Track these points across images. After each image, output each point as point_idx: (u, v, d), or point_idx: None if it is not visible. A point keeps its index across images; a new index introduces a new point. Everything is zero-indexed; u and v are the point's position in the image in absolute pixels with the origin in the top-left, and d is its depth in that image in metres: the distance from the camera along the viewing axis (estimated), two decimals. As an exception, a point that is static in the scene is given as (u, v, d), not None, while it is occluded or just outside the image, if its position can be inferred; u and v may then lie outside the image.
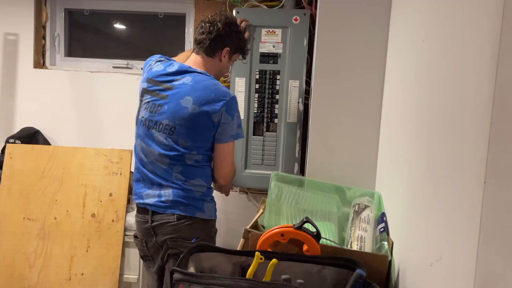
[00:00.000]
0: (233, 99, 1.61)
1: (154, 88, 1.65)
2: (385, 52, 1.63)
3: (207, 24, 1.67)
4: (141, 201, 1.64)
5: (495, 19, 0.64)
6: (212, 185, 1.75)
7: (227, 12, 1.77)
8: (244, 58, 1.91)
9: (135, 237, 1.72)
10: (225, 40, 1.67)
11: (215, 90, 1.58)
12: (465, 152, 0.73)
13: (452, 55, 0.85)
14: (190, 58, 1.73)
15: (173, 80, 1.62)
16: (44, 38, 2.66)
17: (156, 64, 1.72)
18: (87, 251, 2.17)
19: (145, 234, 1.64)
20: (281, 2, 2.28)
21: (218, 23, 1.65)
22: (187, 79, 1.61)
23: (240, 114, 2.25)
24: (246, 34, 2.02)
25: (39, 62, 2.65)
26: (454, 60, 0.83)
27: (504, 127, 0.62)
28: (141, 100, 1.69)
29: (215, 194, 1.77)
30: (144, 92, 1.68)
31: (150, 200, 1.61)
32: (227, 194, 1.96)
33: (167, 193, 1.59)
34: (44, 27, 2.65)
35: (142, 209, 1.64)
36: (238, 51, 1.77)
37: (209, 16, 1.70)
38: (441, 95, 0.90)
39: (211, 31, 1.65)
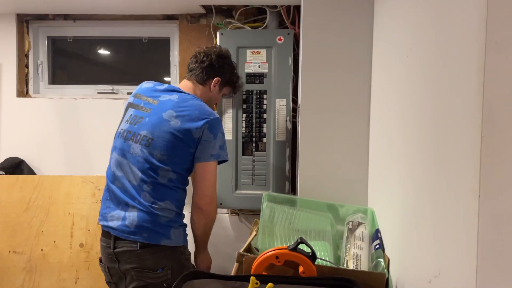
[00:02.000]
0: (217, 120, 1.59)
1: (139, 102, 1.65)
2: (370, 69, 1.65)
3: (201, 54, 1.73)
4: (105, 223, 1.56)
5: (479, 32, 0.65)
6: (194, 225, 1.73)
7: (223, 47, 1.83)
8: (235, 93, 1.95)
9: (100, 261, 1.63)
10: (217, 70, 1.72)
11: (200, 108, 1.57)
12: (458, 167, 0.72)
13: (438, 70, 0.86)
14: (181, 83, 1.75)
15: (159, 96, 1.62)
16: (27, 66, 2.64)
17: (147, 82, 1.76)
18: (76, 282, 2.10)
19: (108, 259, 1.56)
20: (264, 23, 2.30)
21: (212, 54, 1.72)
22: (173, 96, 1.61)
23: (228, 135, 2.26)
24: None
25: (23, 90, 2.62)
26: (441, 76, 0.84)
27: (495, 140, 0.62)
28: (124, 115, 1.68)
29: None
30: (128, 106, 1.68)
31: (114, 223, 1.52)
32: (205, 235, 1.70)
33: (132, 216, 1.49)
34: (27, 56, 2.63)
35: (106, 233, 1.56)
36: (229, 84, 1.82)
37: (205, 47, 1.78)
38: (429, 110, 0.91)
39: (203, 61, 1.71)
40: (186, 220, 1.64)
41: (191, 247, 1.68)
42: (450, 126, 0.77)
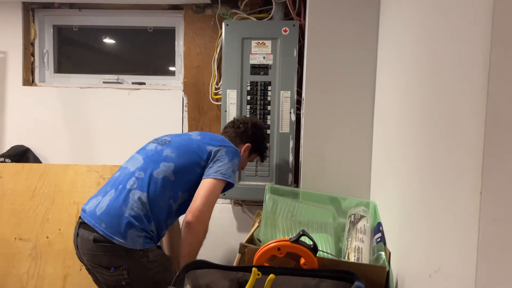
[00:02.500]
0: (237, 151, 1.66)
1: (158, 139, 1.72)
2: (375, 61, 1.65)
3: (239, 121, 1.87)
4: (84, 205, 1.55)
5: (485, 29, 0.65)
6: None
7: (259, 120, 1.99)
8: (262, 161, 2.05)
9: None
10: (250, 137, 1.83)
11: (222, 139, 1.71)
12: (460, 163, 0.73)
13: (443, 65, 0.86)
14: None
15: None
16: (33, 55, 2.64)
17: None
18: (80, 270, 2.13)
19: (75, 245, 1.54)
20: (270, 14, 2.29)
21: (249, 123, 1.86)
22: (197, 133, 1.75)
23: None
24: None
25: (28, 79, 2.63)
26: (445, 71, 0.84)
27: (498, 137, 0.62)
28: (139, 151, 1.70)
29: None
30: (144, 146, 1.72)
31: (86, 206, 1.52)
32: (190, 257, 1.52)
33: (105, 202, 1.47)
34: (32, 44, 2.64)
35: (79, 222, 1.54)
36: (257, 151, 1.91)
37: (243, 116, 1.99)
38: (433, 105, 0.91)
39: (239, 127, 1.84)
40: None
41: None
42: (453, 122, 0.77)
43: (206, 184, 1.51)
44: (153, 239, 1.49)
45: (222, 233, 2.47)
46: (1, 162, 2.37)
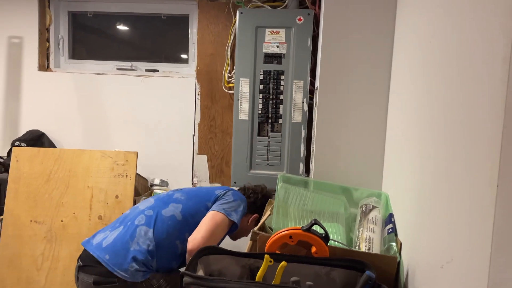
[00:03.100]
0: (243, 198, 1.72)
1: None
2: (391, 51, 1.63)
3: (249, 191, 1.85)
4: (84, 243, 1.56)
5: (507, 21, 0.64)
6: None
7: (267, 188, 1.93)
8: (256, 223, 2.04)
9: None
10: (258, 208, 1.81)
11: (231, 187, 1.76)
12: (477, 154, 0.72)
13: (462, 56, 0.85)
14: None
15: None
16: (48, 40, 2.67)
17: None
18: (94, 253, 2.17)
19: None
20: (284, 2, 2.27)
21: (259, 193, 1.83)
22: None
23: (245, 115, 2.27)
24: None
25: (44, 64, 2.66)
26: (465, 61, 0.83)
27: (517, 130, 0.62)
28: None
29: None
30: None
31: (92, 239, 1.53)
32: None
33: (112, 235, 1.49)
34: (48, 30, 2.66)
35: (80, 254, 1.54)
36: (256, 224, 1.84)
37: (254, 185, 1.90)
38: (450, 96, 0.90)
39: (250, 196, 1.81)
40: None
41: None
42: (470, 114, 0.77)
43: (210, 216, 1.54)
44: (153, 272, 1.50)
45: (232, 220, 2.50)
46: (17, 146, 2.41)
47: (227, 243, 2.49)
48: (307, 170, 2.26)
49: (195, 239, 1.47)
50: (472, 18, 0.80)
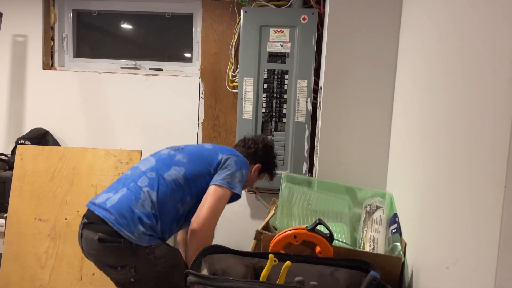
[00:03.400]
0: (246, 162, 1.65)
1: (172, 146, 1.71)
2: (396, 51, 1.62)
3: (249, 141, 1.83)
4: (90, 201, 1.54)
5: (515, 22, 0.64)
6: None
7: (269, 139, 1.92)
8: (271, 180, 1.98)
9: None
10: (260, 158, 1.80)
11: (233, 150, 1.70)
12: (483, 155, 0.72)
13: (469, 57, 0.84)
14: None
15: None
16: (52, 39, 2.67)
17: None
18: (97, 251, 2.18)
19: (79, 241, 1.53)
20: (289, 1, 2.27)
21: (260, 144, 1.82)
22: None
23: (248, 114, 2.27)
24: None
25: (48, 63, 2.67)
26: (470, 63, 0.82)
27: (525, 131, 0.61)
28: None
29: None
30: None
31: (97, 200, 1.50)
32: (189, 259, 1.53)
33: (116, 196, 1.47)
34: (52, 28, 2.67)
35: (85, 212, 1.51)
36: (267, 171, 1.89)
37: (254, 136, 1.89)
38: (456, 97, 0.90)
39: (250, 147, 1.81)
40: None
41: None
42: (477, 115, 0.76)
43: (212, 192, 1.51)
44: (159, 238, 1.49)
45: (236, 219, 2.50)
46: (22, 144, 2.42)
47: (231, 242, 2.50)
48: (310, 170, 2.26)
49: (198, 219, 1.46)
50: (480, 18, 0.80)
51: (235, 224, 2.50)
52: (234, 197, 1.56)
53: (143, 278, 1.44)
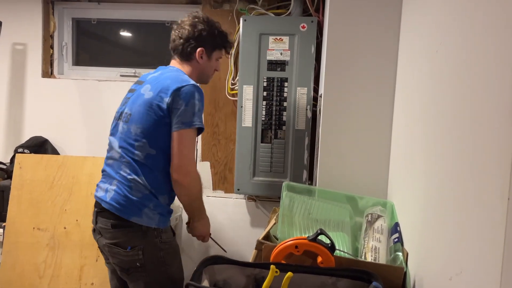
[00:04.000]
0: (190, 87, 1.50)
1: (134, 86, 1.67)
2: (396, 59, 1.63)
3: (176, 31, 1.66)
4: (95, 194, 1.62)
5: (516, 33, 0.64)
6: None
7: (197, 12, 1.70)
8: (228, 53, 1.80)
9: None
10: (196, 41, 1.63)
11: (174, 77, 1.53)
12: (487, 167, 0.72)
13: (469, 67, 0.84)
14: (171, 63, 1.71)
15: (147, 77, 1.64)
16: (52, 47, 2.68)
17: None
18: (96, 260, 2.17)
19: (93, 230, 1.64)
20: (288, 9, 2.28)
21: (186, 26, 1.63)
22: (157, 73, 1.61)
23: (248, 122, 2.27)
24: None
25: (47, 71, 2.67)
26: (472, 73, 0.82)
27: (529, 143, 0.61)
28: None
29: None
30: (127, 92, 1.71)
31: (99, 193, 1.58)
32: (191, 206, 1.63)
33: (112, 189, 1.53)
34: (52, 37, 2.67)
35: (95, 203, 1.61)
36: (216, 48, 1.69)
37: (178, 21, 1.68)
38: (458, 106, 0.89)
39: (181, 36, 1.63)
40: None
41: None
42: (480, 125, 0.76)
43: (175, 139, 1.48)
44: (169, 214, 1.58)
45: (236, 227, 2.49)
46: (20, 152, 2.41)
47: (231, 251, 2.49)
48: (310, 177, 2.26)
49: (173, 168, 1.50)
50: (482, 25, 0.80)
51: (235, 232, 2.49)
52: (198, 130, 1.53)
53: (148, 262, 1.50)
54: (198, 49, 1.64)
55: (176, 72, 1.60)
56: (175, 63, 1.69)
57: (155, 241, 1.51)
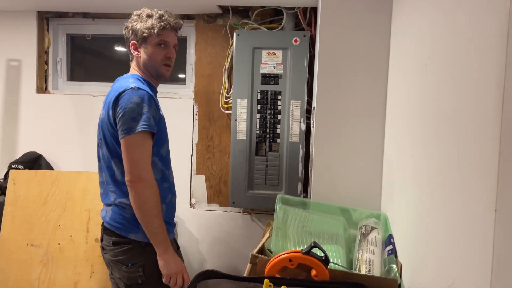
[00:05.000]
0: (128, 92, 1.44)
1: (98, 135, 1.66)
2: (387, 72, 1.65)
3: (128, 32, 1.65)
4: (101, 211, 1.66)
5: (499, 47, 0.65)
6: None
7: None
8: (158, 34, 1.60)
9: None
10: (127, 38, 1.65)
11: (116, 88, 1.50)
12: (475, 180, 0.73)
13: (456, 82, 0.86)
14: None
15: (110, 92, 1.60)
16: (46, 63, 2.69)
17: None
18: (91, 276, 2.15)
19: (100, 246, 1.65)
20: (280, 24, 2.31)
21: (124, 30, 1.66)
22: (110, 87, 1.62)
23: (242, 135, 2.28)
24: None
25: (42, 87, 2.67)
26: (459, 88, 0.84)
27: (513, 155, 0.62)
28: None
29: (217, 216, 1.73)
30: None
31: (102, 213, 1.62)
32: (147, 223, 1.46)
33: (109, 210, 1.56)
34: (46, 53, 2.68)
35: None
36: (143, 37, 1.60)
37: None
38: (446, 120, 0.91)
39: (129, 47, 1.66)
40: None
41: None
42: (467, 138, 0.78)
43: (122, 147, 1.45)
44: (171, 226, 1.58)
45: (231, 241, 2.48)
46: (14, 168, 2.40)
47: (227, 264, 2.47)
48: (305, 190, 2.26)
49: (126, 173, 1.44)
50: (467, 42, 0.82)
51: (231, 246, 2.48)
52: (150, 133, 1.47)
53: (149, 279, 1.50)
54: (130, 44, 1.63)
55: (122, 80, 1.57)
56: (131, 64, 1.70)
57: (154, 256, 1.48)
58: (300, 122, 2.24)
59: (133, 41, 1.61)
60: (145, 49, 1.61)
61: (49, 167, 2.57)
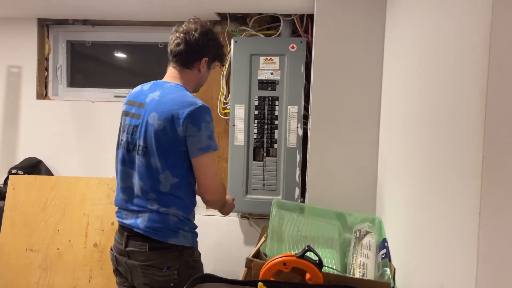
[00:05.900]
0: (200, 109, 1.46)
1: (130, 108, 1.60)
2: (381, 79, 1.67)
3: (181, 35, 1.56)
4: (119, 220, 1.59)
5: (482, 55, 0.67)
6: (207, 208, 1.71)
7: (201, 20, 1.62)
8: (222, 65, 1.78)
9: (111, 249, 1.64)
10: (203, 51, 1.58)
11: (180, 101, 1.47)
12: (460, 184, 0.75)
13: (444, 89, 0.88)
14: (168, 72, 1.64)
15: (146, 98, 1.54)
16: (46, 69, 2.72)
17: (136, 88, 1.69)
18: (89, 281, 2.16)
19: (119, 252, 1.57)
20: (278, 31, 2.34)
21: (194, 33, 1.55)
22: (156, 94, 1.53)
23: (240, 140, 2.30)
24: None
25: (42, 93, 2.70)
26: (447, 94, 0.86)
27: (496, 160, 0.64)
28: (121, 124, 1.65)
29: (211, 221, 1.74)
30: (123, 114, 1.64)
31: (128, 221, 1.55)
32: (226, 212, 1.73)
33: (144, 217, 1.51)
34: (47, 59, 2.71)
35: (121, 228, 1.58)
36: (216, 59, 1.67)
37: (183, 25, 1.59)
38: (435, 126, 0.93)
39: (187, 42, 1.55)
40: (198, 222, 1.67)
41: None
42: (453, 143, 0.80)
43: (196, 166, 1.49)
44: (195, 235, 1.59)
45: (229, 245, 2.49)
46: (14, 174, 2.42)
47: (224, 268, 2.48)
48: (302, 194, 2.28)
49: (205, 190, 1.53)
50: (453, 50, 0.84)
51: (229, 251, 2.49)
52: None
53: (181, 281, 1.48)
54: (203, 59, 1.59)
55: (177, 92, 1.53)
56: (174, 71, 1.61)
57: (188, 259, 1.53)
58: (297, 127, 2.26)
59: (206, 59, 1.60)
60: (207, 70, 1.64)
61: (48, 172, 2.59)
